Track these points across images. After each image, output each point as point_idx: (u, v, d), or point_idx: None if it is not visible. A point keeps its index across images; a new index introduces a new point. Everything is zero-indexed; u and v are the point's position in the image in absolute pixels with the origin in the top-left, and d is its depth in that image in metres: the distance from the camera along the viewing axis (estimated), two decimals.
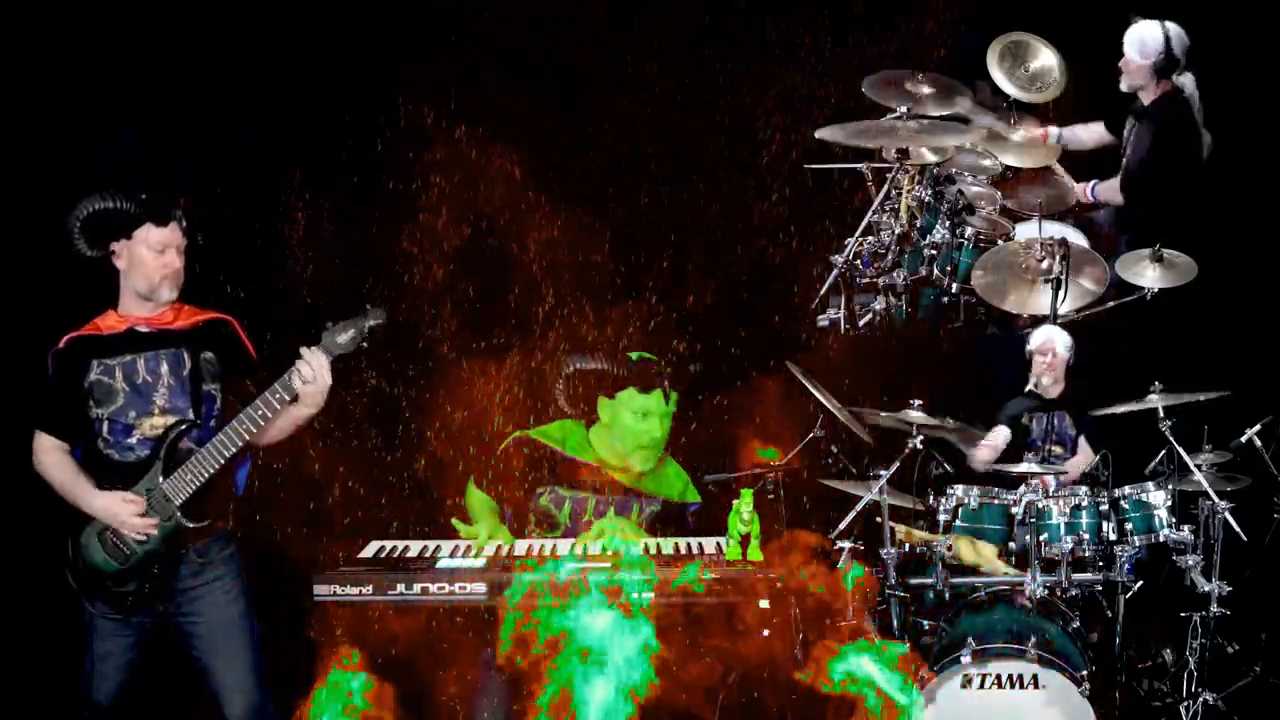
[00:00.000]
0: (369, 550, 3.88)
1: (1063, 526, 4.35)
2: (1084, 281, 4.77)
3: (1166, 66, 4.82)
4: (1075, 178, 5.17)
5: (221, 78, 4.80)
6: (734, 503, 3.78)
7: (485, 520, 4.06)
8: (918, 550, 4.36)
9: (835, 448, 4.78)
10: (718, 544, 3.90)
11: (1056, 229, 4.86)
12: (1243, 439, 4.54)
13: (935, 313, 4.99)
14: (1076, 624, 4.26)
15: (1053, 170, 5.18)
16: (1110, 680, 4.24)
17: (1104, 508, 4.42)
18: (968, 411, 4.74)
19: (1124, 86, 4.93)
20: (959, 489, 4.55)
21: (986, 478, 4.70)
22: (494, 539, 3.95)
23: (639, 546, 3.87)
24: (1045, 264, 4.66)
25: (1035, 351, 4.86)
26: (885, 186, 4.85)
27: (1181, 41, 4.80)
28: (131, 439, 3.49)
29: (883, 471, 4.25)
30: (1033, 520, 4.33)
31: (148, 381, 3.51)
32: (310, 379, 3.41)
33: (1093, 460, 4.73)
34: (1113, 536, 4.40)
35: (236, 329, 3.69)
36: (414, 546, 3.92)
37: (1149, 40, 4.81)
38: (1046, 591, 4.20)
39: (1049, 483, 4.57)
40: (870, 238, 4.84)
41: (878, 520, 4.25)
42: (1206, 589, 4.19)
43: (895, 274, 4.86)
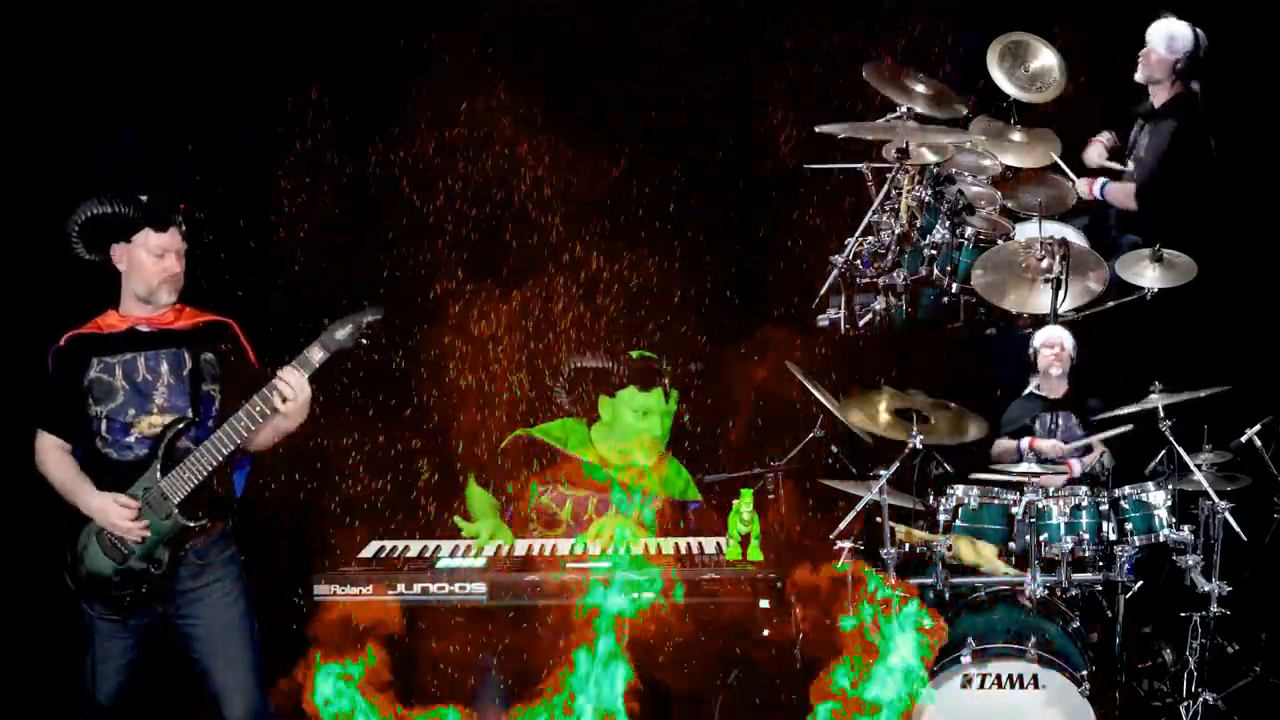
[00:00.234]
0: (369, 550, 3.89)
1: (1063, 526, 4.36)
2: (1084, 281, 4.77)
3: (1188, 68, 4.83)
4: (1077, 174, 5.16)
5: (221, 78, 4.80)
6: (734, 503, 3.78)
7: (486, 517, 4.06)
8: (918, 550, 4.36)
9: (835, 448, 4.78)
10: (718, 544, 3.90)
11: (1056, 229, 4.85)
12: (1243, 439, 4.54)
13: (935, 313, 4.99)
14: (1076, 624, 4.26)
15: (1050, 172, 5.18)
16: (1110, 680, 4.25)
17: (1104, 508, 4.42)
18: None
19: (1139, 77, 4.93)
20: (959, 489, 4.55)
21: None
22: (495, 538, 3.96)
23: (639, 547, 3.88)
24: (1045, 264, 4.66)
25: (1042, 345, 4.86)
26: (885, 186, 4.85)
27: (1205, 46, 4.82)
28: (130, 438, 3.49)
29: (883, 471, 4.25)
30: (1033, 520, 4.33)
31: (147, 380, 3.51)
32: (291, 397, 3.43)
33: (1108, 458, 4.75)
34: (1113, 536, 4.40)
35: (237, 332, 3.70)
36: (414, 546, 3.92)
37: (1179, 38, 4.82)
38: (1046, 591, 4.20)
39: (1054, 481, 4.58)
40: (870, 238, 4.84)
41: (878, 520, 4.25)
42: (1206, 589, 4.19)
43: (895, 274, 4.86)
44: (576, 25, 5.01)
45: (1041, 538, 4.27)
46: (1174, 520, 4.35)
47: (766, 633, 3.75)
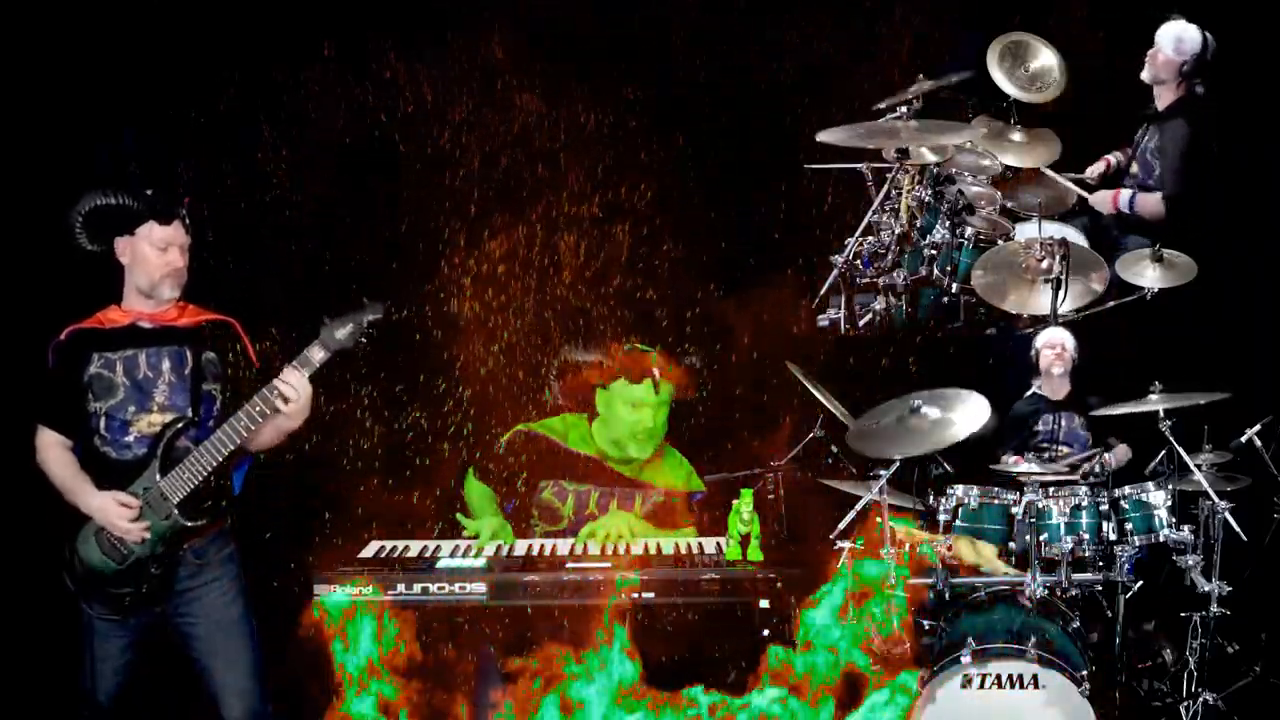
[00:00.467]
0: (369, 550, 3.89)
1: (1063, 526, 4.35)
2: (1084, 282, 4.77)
3: (1194, 70, 4.82)
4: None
5: (221, 77, 4.79)
6: (734, 503, 3.78)
7: (485, 512, 4.07)
8: (918, 550, 4.36)
9: (835, 448, 4.78)
10: (718, 544, 3.90)
11: (1056, 229, 4.85)
12: (1243, 439, 4.54)
13: (935, 313, 4.99)
14: (1076, 624, 4.26)
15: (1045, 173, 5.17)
16: (1110, 680, 4.24)
17: (1104, 508, 4.42)
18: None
19: (1145, 77, 4.92)
20: (959, 489, 4.55)
21: (990, 478, 4.70)
22: (496, 538, 3.96)
23: (639, 547, 3.88)
24: (1045, 264, 4.65)
25: (1044, 346, 4.86)
26: (885, 186, 4.85)
27: (1214, 51, 4.81)
28: (129, 436, 3.48)
29: (883, 471, 4.25)
30: (1033, 520, 4.32)
31: (148, 377, 3.51)
32: (292, 397, 3.42)
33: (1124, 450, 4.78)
34: (1113, 536, 4.39)
35: (239, 331, 3.70)
36: (414, 546, 3.92)
37: (1187, 40, 4.81)
38: (1046, 591, 4.19)
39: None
40: (870, 238, 4.84)
41: (878, 520, 4.24)
42: (1206, 589, 4.19)
43: (895, 274, 4.86)
44: (576, 25, 5.01)
45: (1041, 538, 4.27)
46: (1174, 520, 4.34)
47: (766, 633, 3.75)
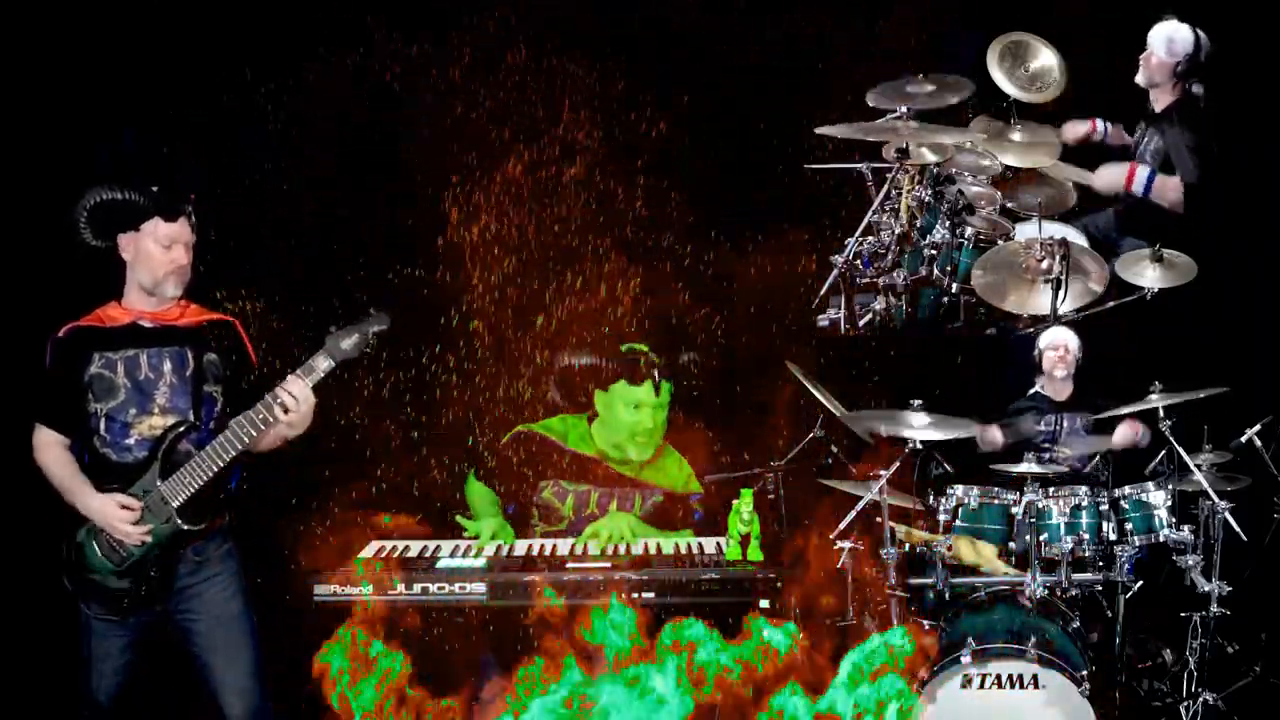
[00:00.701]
0: (369, 550, 3.89)
1: (1063, 526, 4.36)
2: (1084, 281, 4.77)
3: (1189, 70, 4.81)
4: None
5: (221, 77, 4.79)
6: (734, 503, 3.79)
7: (486, 514, 4.07)
8: (918, 550, 4.36)
9: (835, 448, 4.78)
10: (718, 544, 3.90)
11: (1057, 229, 4.85)
12: (1243, 439, 4.54)
13: (935, 313, 4.99)
14: (1076, 624, 4.26)
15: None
16: (1110, 680, 4.24)
17: (1104, 508, 4.42)
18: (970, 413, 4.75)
19: (1140, 80, 4.92)
20: (959, 489, 4.55)
21: (990, 478, 4.70)
22: (496, 538, 3.96)
23: (639, 547, 3.88)
24: (1045, 264, 4.66)
25: (1047, 347, 4.85)
26: (885, 186, 4.85)
27: (1207, 50, 4.79)
28: (129, 439, 3.47)
29: (883, 471, 4.25)
30: (1033, 520, 4.33)
31: (149, 378, 3.49)
32: (293, 407, 3.42)
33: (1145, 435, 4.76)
34: (1113, 536, 4.40)
35: (240, 331, 3.69)
36: (414, 546, 3.93)
37: (1179, 40, 4.80)
38: (1046, 591, 4.20)
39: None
40: (870, 238, 4.84)
41: (878, 520, 4.25)
42: (1206, 589, 4.19)
43: (895, 274, 4.86)
44: (577, 24, 5.00)
45: (1041, 538, 4.27)
46: (1174, 520, 4.35)
47: (766, 633, 3.75)
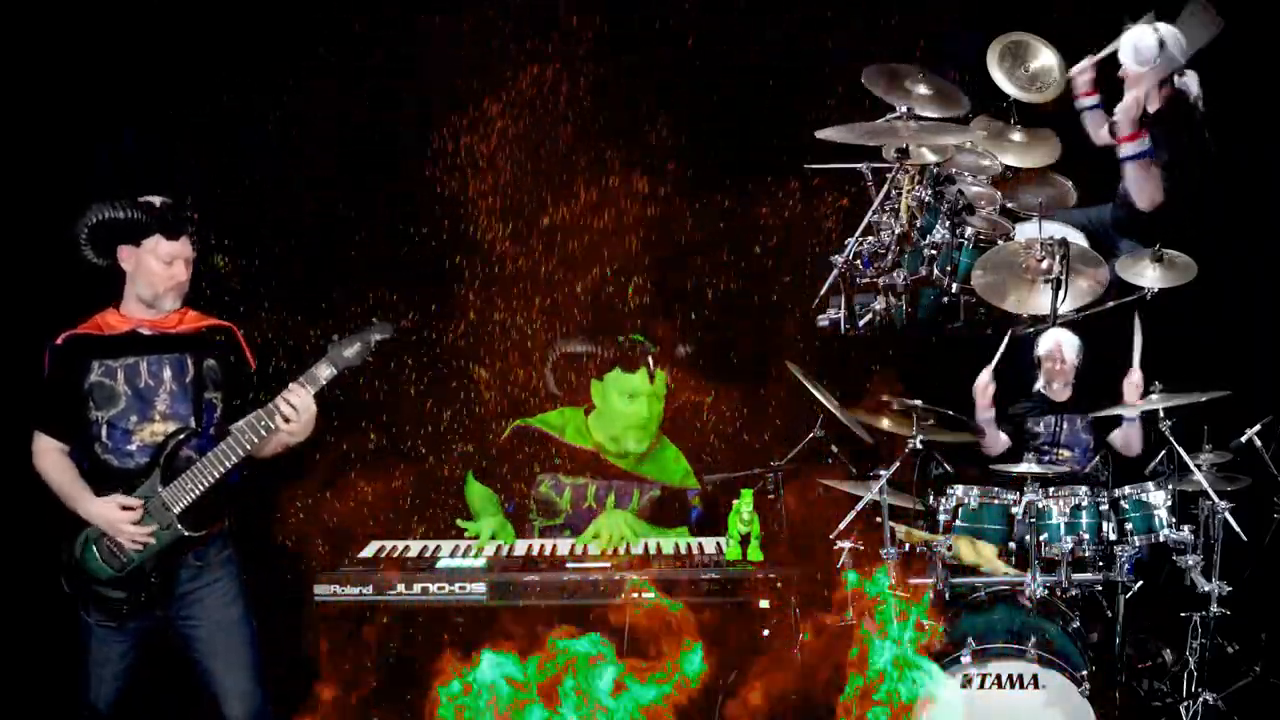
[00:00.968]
0: (369, 550, 3.89)
1: (1063, 526, 4.36)
2: (1084, 282, 4.76)
3: (1165, 68, 4.80)
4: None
5: (221, 77, 4.79)
6: (734, 503, 3.79)
7: (486, 513, 4.07)
8: (918, 550, 4.37)
9: (835, 448, 4.78)
10: (718, 544, 3.91)
11: (1057, 229, 4.85)
12: (1243, 439, 4.55)
13: (935, 313, 4.98)
14: (1076, 624, 4.27)
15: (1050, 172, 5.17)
16: (1110, 680, 4.24)
17: (1104, 508, 4.42)
18: (970, 413, 4.75)
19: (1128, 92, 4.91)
20: (959, 489, 4.55)
21: (990, 478, 4.70)
22: (496, 538, 3.96)
23: (639, 547, 3.89)
24: (1045, 264, 4.65)
25: (1044, 357, 4.88)
26: (885, 186, 4.84)
27: (1177, 40, 4.75)
28: (131, 445, 3.47)
29: (883, 471, 4.25)
30: (1033, 520, 4.33)
31: (150, 385, 3.50)
32: (293, 417, 3.43)
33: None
34: (1113, 536, 4.40)
35: (238, 337, 3.69)
36: (414, 546, 3.93)
37: (1142, 47, 4.76)
38: (1046, 591, 4.20)
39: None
40: (870, 238, 4.83)
41: (878, 520, 4.25)
42: (1206, 589, 4.19)
43: (895, 274, 4.84)
44: (577, 23, 5.00)
45: (1041, 538, 4.27)
46: (1174, 520, 4.35)
47: (766, 633, 3.75)
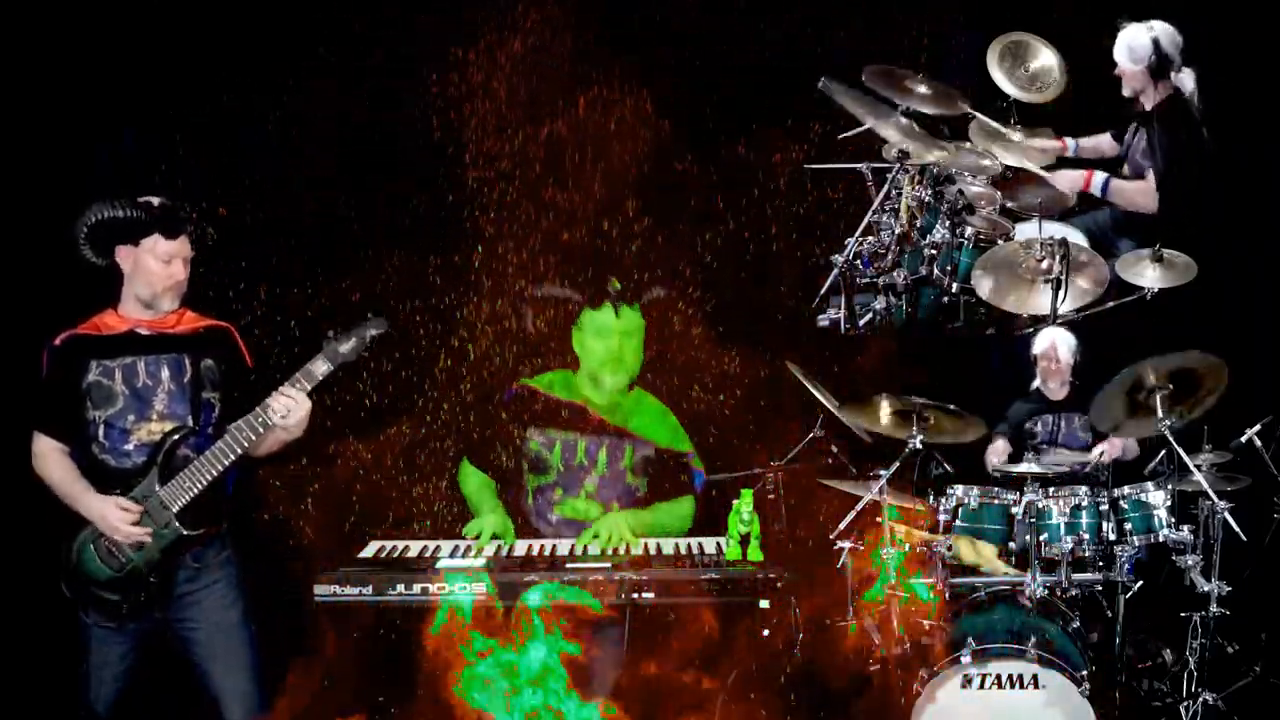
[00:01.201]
0: (369, 550, 3.89)
1: (1063, 526, 4.36)
2: (1084, 282, 4.77)
3: (1160, 68, 4.80)
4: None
5: (221, 77, 4.79)
6: (734, 503, 3.78)
7: (485, 504, 4.08)
8: (918, 550, 4.36)
9: (835, 448, 4.78)
10: (718, 544, 3.90)
11: (1057, 229, 4.85)
12: (1243, 439, 4.55)
13: (935, 313, 4.99)
14: (1076, 624, 4.27)
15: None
16: (1110, 680, 4.25)
17: (1104, 508, 4.42)
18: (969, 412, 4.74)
19: (1126, 92, 4.92)
20: (959, 489, 4.55)
21: (990, 477, 4.71)
22: (496, 534, 3.96)
23: (639, 547, 3.88)
24: (1045, 264, 4.65)
25: (1039, 356, 4.88)
26: (885, 186, 4.85)
27: (1172, 39, 4.76)
28: (128, 445, 3.47)
29: (883, 471, 4.25)
30: (1033, 520, 4.33)
31: (147, 385, 3.50)
32: (284, 414, 3.44)
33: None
34: (1113, 536, 4.40)
35: (235, 337, 3.69)
36: (414, 546, 3.92)
37: (1136, 46, 4.79)
38: (1046, 591, 4.20)
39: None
40: (870, 238, 4.84)
41: (878, 520, 4.25)
42: (1206, 589, 4.19)
43: (895, 274, 4.86)
44: (577, 23, 5.00)
45: (1041, 538, 4.27)
46: (1174, 520, 4.35)
47: (766, 633, 3.75)
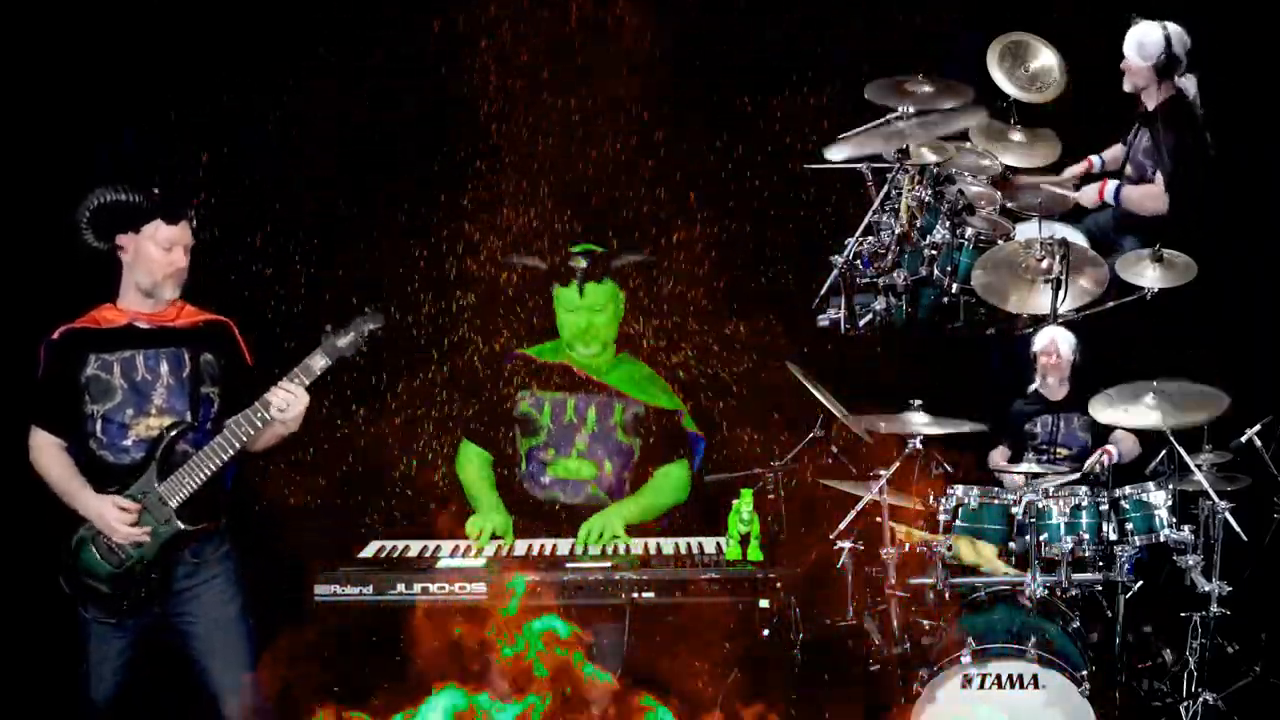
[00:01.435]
0: (369, 550, 3.89)
1: (1063, 526, 4.35)
2: (1083, 282, 4.77)
3: (1167, 68, 4.79)
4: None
5: (221, 77, 4.79)
6: (734, 503, 3.78)
7: (483, 496, 4.10)
8: (918, 550, 4.36)
9: (835, 448, 4.78)
10: (718, 544, 3.90)
11: (1057, 229, 4.85)
12: (1243, 439, 4.54)
13: (935, 313, 4.98)
14: (1076, 624, 4.27)
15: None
16: (1110, 680, 4.24)
17: (1104, 508, 4.41)
18: (968, 412, 4.74)
19: (1126, 87, 4.92)
20: (959, 489, 4.55)
21: (989, 477, 4.71)
22: (497, 536, 3.97)
23: (639, 547, 3.89)
24: (1045, 264, 4.65)
25: (1039, 353, 4.88)
26: (885, 186, 4.84)
27: (1182, 42, 4.76)
28: (127, 440, 3.47)
29: (883, 471, 4.25)
30: (1033, 520, 4.33)
31: (146, 379, 3.50)
32: (283, 409, 3.44)
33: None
34: (1113, 536, 4.39)
35: (234, 331, 3.69)
36: (414, 546, 3.93)
37: (1148, 42, 4.79)
38: (1046, 591, 4.20)
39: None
40: (870, 238, 4.83)
41: (878, 520, 4.25)
42: (1206, 589, 4.19)
43: (895, 274, 4.85)
44: (576, 24, 5.00)
45: (1041, 538, 4.27)
46: (1174, 520, 4.34)
47: (766, 633, 3.75)
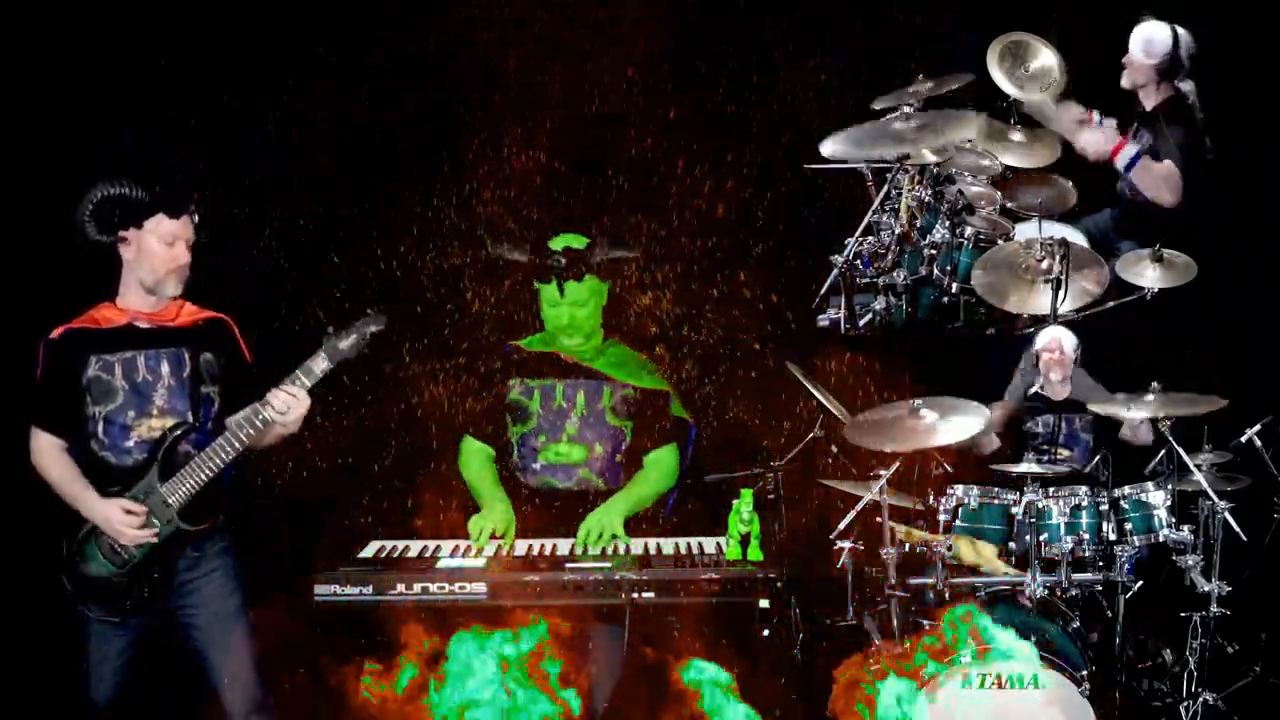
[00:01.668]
0: (369, 550, 3.89)
1: (1063, 526, 4.35)
2: (1083, 282, 4.77)
3: (1171, 69, 4.79)
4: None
5: (221, 77, 4.79)
6: (734, 503, 3.78)
7: (487, 476, 4.11)
8: (918, 550, 4.36)
9: (835, 448, 4.78)
10: (718, 544, 3.90)
11: (1057, 229, 4.85)
12: (1243, 439, 4.55)
13: (935, 313, 4.98)
14: (1076, 624, 4.26)
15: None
16: (1110, 680, 4.24)
17: (1104, 508, 4.42)
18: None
19: (1125, 83, 4.91)
20: (959, 489, 4.55)
21: (992, 477, 4.70)
22: (499, 530, 3.96)
23: (638, 547, 3.89)
24: (1045, 264, 4.65)
25: (1042, 349, 4.87)
26: (885, 186, 4.84)
27: (1188, 46, 4.76)
28: (128, 441, 3.47)
29: (883, 471, 4.25)
30: (1033, 520, 4.33)
31: (147, 380, 3.49)
32: (284, 411, 3.44)
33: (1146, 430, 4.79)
34: (1113, 536, 4.40)
35: (234, 329, 3.69)
36: (414, 546, 3.93)
37: (1156, 40, 4.78)
38: (1046, 591, 4.20)
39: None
40: (870, 238, 4.83)
41: (878, 520, 4.25)
42: (1206, 589, 4.19)
43: (895, 274, 4.85)
44: (576, 25, 5.01)
45: (1041, 538, 4.27)
46: (1174, 520, 4.35)
47: (766, 633, 3.75)
